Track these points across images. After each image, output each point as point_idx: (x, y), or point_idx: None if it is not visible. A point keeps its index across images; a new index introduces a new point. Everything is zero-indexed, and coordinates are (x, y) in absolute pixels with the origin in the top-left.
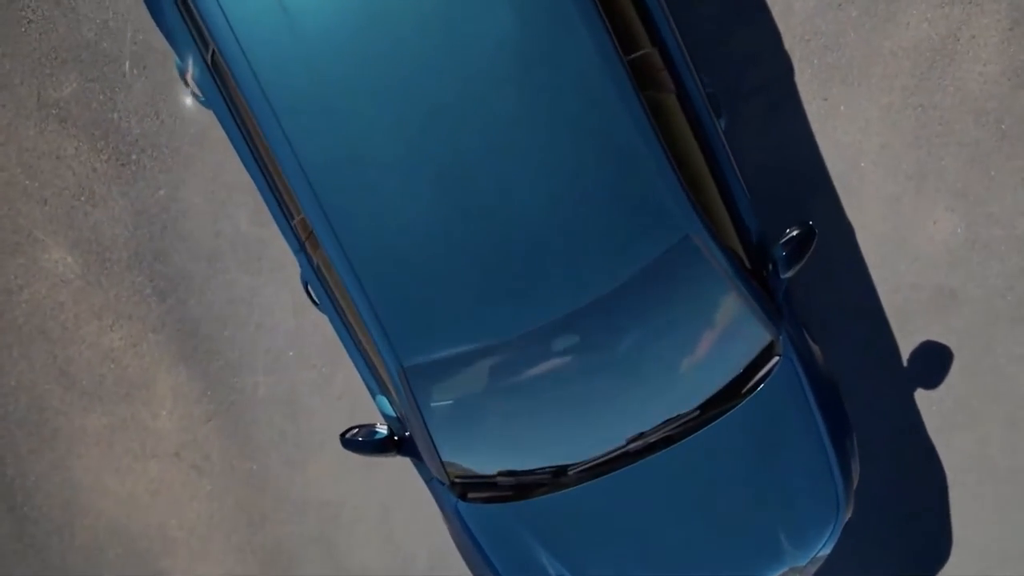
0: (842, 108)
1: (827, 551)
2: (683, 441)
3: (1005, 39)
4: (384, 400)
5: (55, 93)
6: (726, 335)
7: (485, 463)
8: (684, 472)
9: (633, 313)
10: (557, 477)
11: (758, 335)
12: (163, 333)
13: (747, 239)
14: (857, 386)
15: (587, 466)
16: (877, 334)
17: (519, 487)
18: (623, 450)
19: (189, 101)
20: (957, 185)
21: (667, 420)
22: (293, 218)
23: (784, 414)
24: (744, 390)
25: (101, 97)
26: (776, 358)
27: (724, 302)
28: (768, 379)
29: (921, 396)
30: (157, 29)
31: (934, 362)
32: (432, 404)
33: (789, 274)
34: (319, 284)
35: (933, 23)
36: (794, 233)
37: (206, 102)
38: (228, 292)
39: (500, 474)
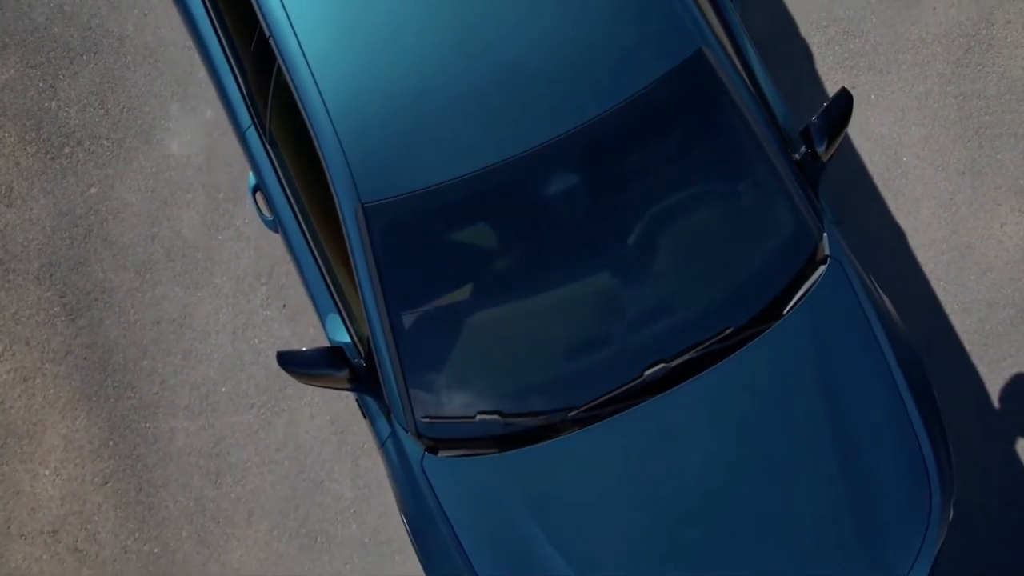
0: (872, 97)
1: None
2: (709, 370)
3: None
4: (335, 320)
5: None
6: (758, 214)
7: (457, 387)
8: (707, 416)
9: (637, 174)
10: (554, 417)
11: (798, 223)
12: (65, 363)
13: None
14: None
15: (595, 403)
16: (952, 366)
17: (503, 436)
18: (638, 381)
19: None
20: (1020, 182)
21: (695, 341)
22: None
23: (842, 336)
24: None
25: (40, 84)
26: (821, 268)
27: (751, 158)
28: (815, 287)
29: None
30: (115, 14)
31: None
32: (394, 275)
33: (825, 148)
34: (270, 163)
35: (961, 7)
36: (826, 104)
37: None
38: (155, 310)
39: (480, 413)
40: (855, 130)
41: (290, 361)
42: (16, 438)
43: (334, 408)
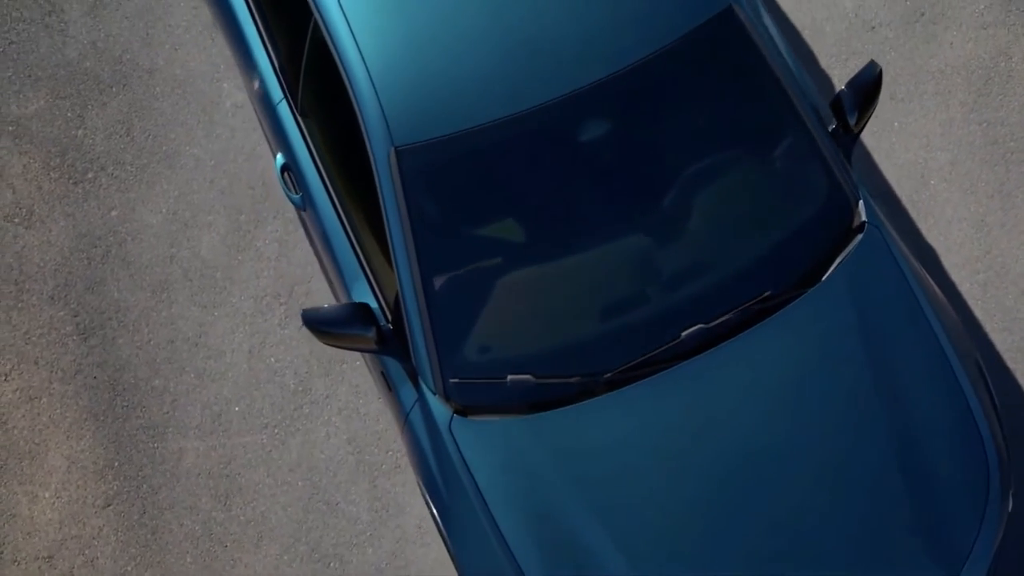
0: (896, 124)
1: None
2: (750, 331)
3: None
4: (363, 286)
5: (18, 110)
6: (795, 176)
7: (488, 346)
8: (747, 378)
9: (669, 129)
10: (588, 378)
11: (835, 187)
12: (73, 383)
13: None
14: None
15: (632, 364)
16: (996, 386)
17: (534, 399)
18: (675, 343)
19: None
20: None
21: (733, 304)
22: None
23: (885, 301)
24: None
25: (69, 114)
26: (859, 235)
27: (785, 119)
28: (855, 251)
29: None
30: (146, 49)
31: None
32: (426, 223)
33: (856, 120)
34: (300, 136)
35: (979, 43)
36: (853, 77)
37: None
38: (170, 329)
39: (512, 374)
40: (881, 155)
41: (316, 319)
42: (17, 458)
43: (352, 428)
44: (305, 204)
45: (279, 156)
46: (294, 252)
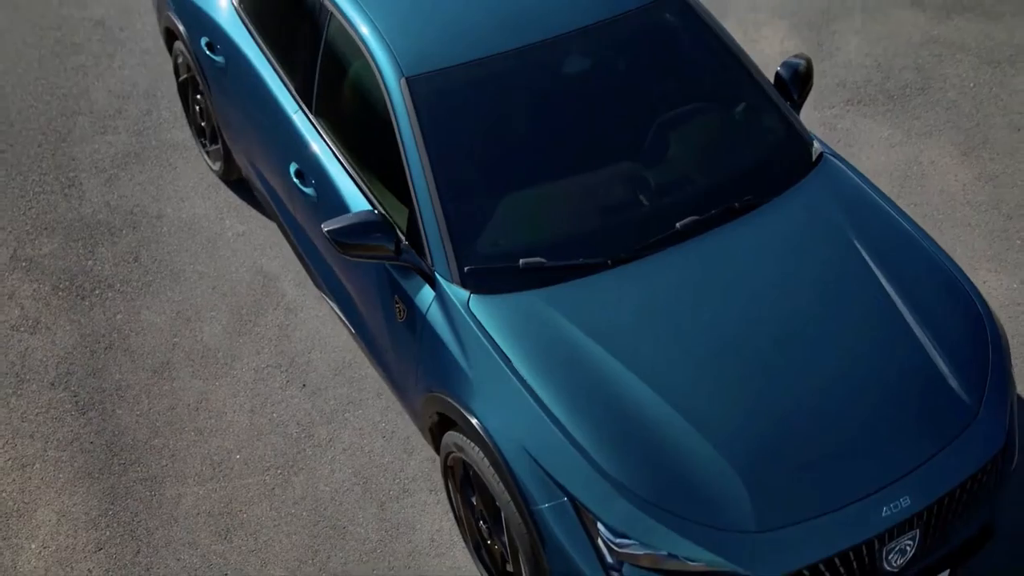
0: None
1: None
2: (747, 215)
3: (962, 162)
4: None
5: (32, 251)
6: (759, 114)
7: (500, 237)
8: (749, 250)
9: (646, 66)
10: (595, 261)
11: (791, 126)
12: (69, 449)
13: None
14: None
15: (638, 246)
16: None
17: (546, 281)
18: (670, 234)
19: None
20: (989, 252)
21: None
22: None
23: (854, 199)
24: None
25: (81, 251)
26: (819, 165)
27: (743, 71)
28: (820, 168)
29: None
30: (155, 203)
31: None
32: (437, 137)
33: (799, 95)
34: (317, 133)
35: (890, 156)
36: (787, 60)
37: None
38: (171, 399)
39: (524, 259)
40: None
41: (339, 230)
42: (3, 518)
43: (357, 463)
44: (319, 193)
45: (292, 165)
46: (295, 333)
